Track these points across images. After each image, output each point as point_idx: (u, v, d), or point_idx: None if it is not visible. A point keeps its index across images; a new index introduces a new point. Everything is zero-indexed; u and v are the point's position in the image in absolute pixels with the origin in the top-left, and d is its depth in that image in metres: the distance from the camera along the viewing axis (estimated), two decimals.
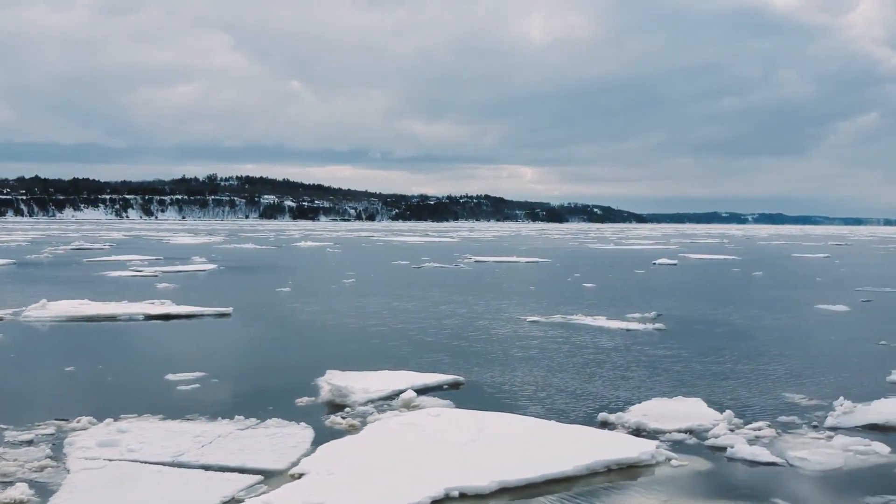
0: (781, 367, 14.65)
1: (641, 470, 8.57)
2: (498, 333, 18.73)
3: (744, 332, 19.37)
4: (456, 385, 12.84)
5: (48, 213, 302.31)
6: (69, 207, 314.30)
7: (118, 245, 71.38)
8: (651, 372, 14.10)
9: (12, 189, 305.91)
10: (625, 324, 20.36)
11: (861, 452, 9.19)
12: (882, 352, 16.52)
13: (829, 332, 19.50)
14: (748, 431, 9.97)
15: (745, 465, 8.86)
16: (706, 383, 13.16)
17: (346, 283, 32.83)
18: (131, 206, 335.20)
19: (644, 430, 10.06)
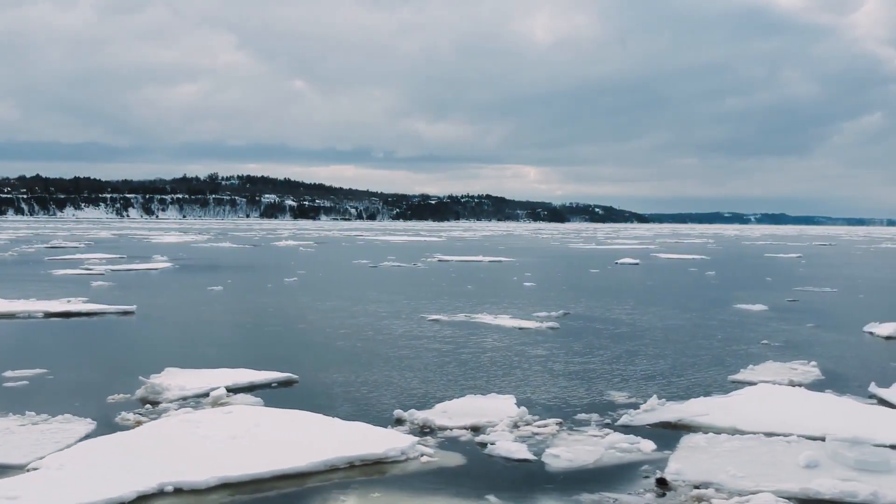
0: (640, 367, 14.68)
1: (387, 466, 8.63)
2: (381, 333, 18.78)
3: (636, 332, 19.38)
4: (288, 383, 12.91)
5: (49, 212, 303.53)
6: (70, 206, 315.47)
7: (96, 244, 71.66)
8: (492, 370, 14.16)
9: (13, 188, 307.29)
10: (523, 322, 20.41)
11: (622, 450, 9.23)
12: (754, 352, 16.52)
13: (720, 333, 19.49)
14: (529, 429, 10.03)
15: (494, 461, 8.93)
16: (543, 381, 13.21)
17: (287, 282, 32.92)
18: (132, 206, 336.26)
19: (428, 426, 10.12)
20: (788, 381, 13.24)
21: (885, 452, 8.87)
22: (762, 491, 7.79)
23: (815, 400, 11.67)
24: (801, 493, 7.87)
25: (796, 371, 14.26)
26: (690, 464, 8.70)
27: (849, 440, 9.10)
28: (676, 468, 8.48)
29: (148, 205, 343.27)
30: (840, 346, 17.63)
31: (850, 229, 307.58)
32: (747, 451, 9.20)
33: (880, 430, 9.99)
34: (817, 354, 16.22)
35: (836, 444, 9.06)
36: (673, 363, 15.17)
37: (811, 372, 14.22)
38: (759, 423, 10.31)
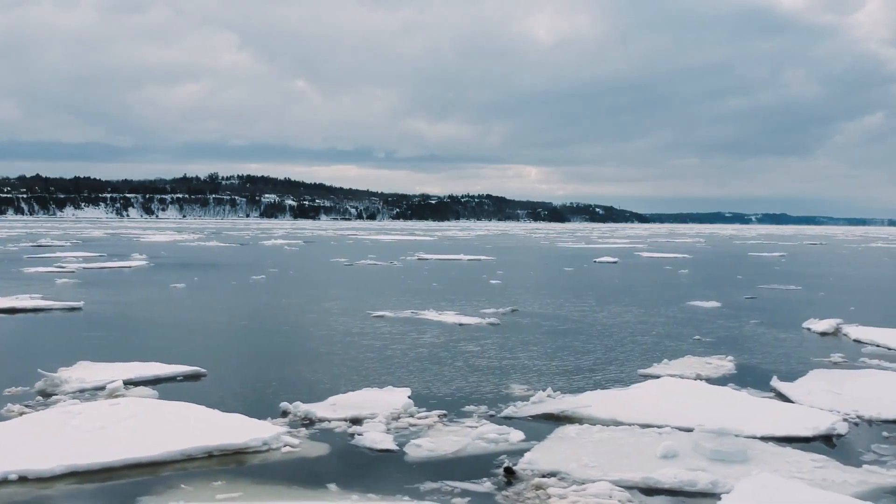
0: (559, 362, 14.76)
1: (247, 456, 8.73)
2: (318, 329, 18.92)
3: (576, 328, 19.46)
4: (195, 377, 13.01)
5: (49, 211, 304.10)
6: (70, 206, 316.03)
7: (84, 243, 71.84)
8: (408, 364, 14.25)
9: (13, 188, 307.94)
10: (465, 319, 20.51)
11: (488, 440, 9.32)
12: (680, 347, 16.59)
13: (658, 329, 19.55)
14: (407, 421, 10.13)
15: (356, 452, 9.02)
16: (454, 375, 13.29)
17: (253, 279, 33.03)
18: (132, 205, 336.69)
19: (309, 418, 10.22)
20: (695, 375, 13.30)
21: (744, 443, 8.95)
22: (603, 480, 7.86)
23: (709, 393, 11.74)
24: (641, 482, 7.95)
25: (710, 365, 14.33)
26: (548, 454, 8.78)
27: (715, 431, 9.15)
28: (531, 458, 8.55)
29: (148, 204, 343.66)
30: (771, 341, 17.68)
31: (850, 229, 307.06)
32: (612, 442, 9.28)
33: (754, 422, 10.06)
34: (742, 350, 16.32)
35: (701, 435, 9.13)
36: (595, 358, 15.24)
37: (724, 366, 14.29)
38: (639, 415, 10.38)
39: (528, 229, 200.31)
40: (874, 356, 15.62)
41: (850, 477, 8.15)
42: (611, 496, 7.48)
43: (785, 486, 7.11)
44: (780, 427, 9.95)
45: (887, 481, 8.12)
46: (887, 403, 11.17)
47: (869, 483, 8.01)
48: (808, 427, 9.95)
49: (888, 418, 10.61)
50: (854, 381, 12.75)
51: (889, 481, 8.13)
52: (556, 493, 7.53)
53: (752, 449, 9.00)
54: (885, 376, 13.33)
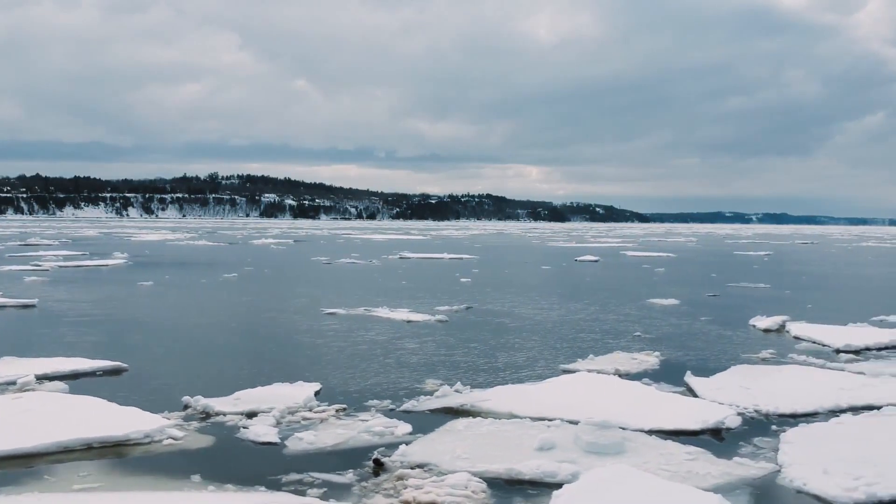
0: (489, 359, 14.83)
1: (127, 448, 8.84)
2: (263, 326, 19.06)
3: (522, 325, 19.53)
4: (115, 372, 13.11)
5: (48, 211, 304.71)
6: (70, 206, 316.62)
7: (73, 242, 72.02)
8: (334, 359, 14.36)
9: (13, 187, 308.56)
10: (416, 316, 20.62)
11: (373, 433, 9.43)
12: (616, 343, 16.66)
13: (604, 326, 19.62)
14: (301, 415, 10.25)
15: (238, 445, 9.13)
16: (375, 370, 13.39)
17: (223, 278, 33.13)
18: (132, 205, 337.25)
19: (206, 412, 10.32)
20: (614, 370, 13.38)
21: (623, 436, 9.03)
22: (464, 471, 7.94)
23: (615, 388, 11.81)
24: (504, 473, 8.04)
25: (634, 361, 14.40)
26: (426, 446, 8.87)
27: (598, 424, 9.23)
28: (407, 450, 8.63)
29: (148, 204, 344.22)
30: (710, 338, 17.75)
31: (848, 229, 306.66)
32: (496, 435, 9.36)
33: (647, 416, 10.16)
34: (677, 346, 16.40)
35: (583, 427, 9.21)
36: (526, 354, 15.32)
37: (648, 362, 14.37)
38: (536, 409, 10.47)
39: (525, 229, 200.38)
40: (804, 352, 15.70)
41: (714, 469, 8.23)
42: (466, 487, 7.56)
43: (629, 477, 7.19)
44: (670, 420, 10.03)
45: (750, 473, 8.19)
46: (789, 398, 11.24)
47: (731, 475, 8.09)
48: (699, 420, 10.03)
49: (784, 412, 10.68)
50: (769, 377, 12.83)
51: (752, 473, 8.20)
52: (414, 484, 7.62)
53: (632, 441, 9.08)
54: (803, 372, 13.42)
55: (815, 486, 7.64)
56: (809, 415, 10.63)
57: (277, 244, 71.42)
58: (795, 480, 7.88)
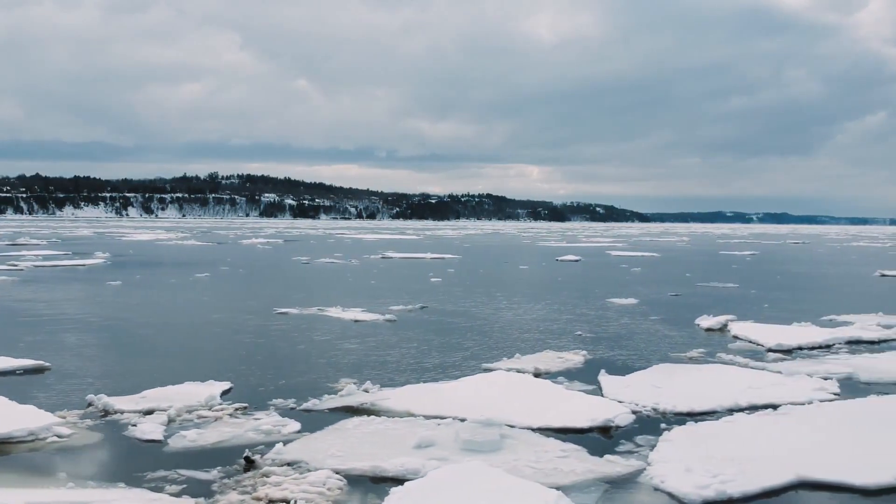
0: (412, 358, 14.91)
1: (8, 446, 8.94)
2: (208, 325, 19.19)
3: (466, 325, 19.61)
4: (37, 370, 13.19)
5: (48, 211, 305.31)
6: (69, 206, 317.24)
7: (62, 242, 72.22)
8: (256, 358, 14.45)
9: (13, 187, 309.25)
10: (366, 315, 20.73)
11: (260, 431, 9.52)
12: (552, 342, 16.73)
13: (550, 325, 19.69)
14: (198, 413, 10.35)
15: (123, 442, 9.23)
16: (296, 369, 13.51)
17: (193, 277, 33.27)
18: (131, 205, 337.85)
19: (107, 410, 10.42)
20: (533, 369, 13.46)
21: (502, 433, 9.11)
22: (326, 469, 8.04)
23: (524, 386, 11.88)
24: (369, 470, 8.13)
25: (560, 360, 14.49)
26: (305, 444, 8.97)
27: (481, 422, 9.32)
28: (283, 448, 8.73)
29: (147, 204, 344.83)
30: (649, 337, 17.81)
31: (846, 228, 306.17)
32: (381, 434, 9.46)
33: (539, 414, 10.25)
34: (611, 345, 16.51)
35: (464, 425, 9.31)
36: (459, 353, 15.38)
37: (573, 361, 14.45)
38: (434, 408, 10.57)
39: (521, 228, 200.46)
40: (734, 351, 15.79)
41: (580, 466, 8.32)
42: (324, 484, 7.66)
43: (476, 474, 7.28)
44: (562, 419, 10.11)
45: (614, 471, 8.28)
46: (692, 397, 11.32)
47: (594, 472, 8.18)
48: (590, 418, 10.12)
49: (680, 411, 10.76)
50: (684, 376, 12.90)
51: (616, 471, 8.29)
52: (273, 482, 7.72)
53: (513, 439, 9.17)
54: (719, 371, 13.49)
55: (671, 484, 7.72)
56: (705, 413, 10.70)
57: (265, 244, 71.57)
58: (654, 478, 7.96)
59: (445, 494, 6.82)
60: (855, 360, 14.76)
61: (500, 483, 7.12)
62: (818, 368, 13.67)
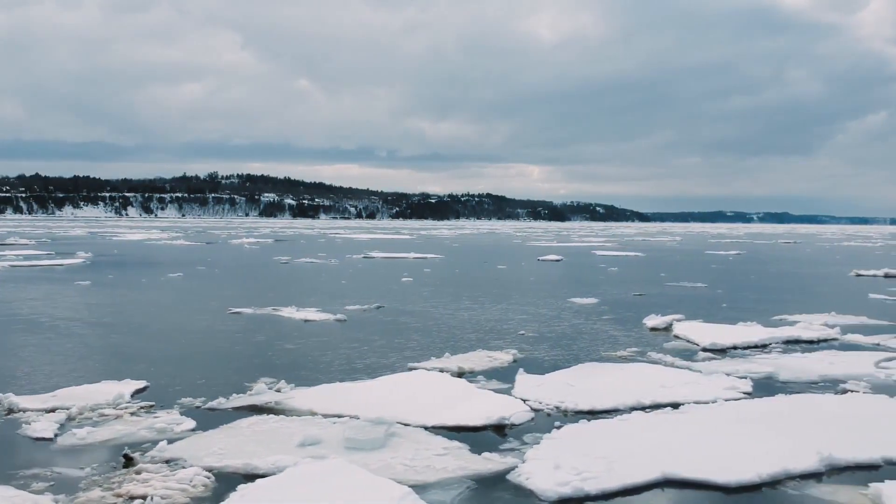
0: (342, 357, 14.98)
1: None
2: (154, 324, 19.33)
3: (413, 325, 19.72)
4: None
5: (48, 210, 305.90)
6: (69, 205, 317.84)
7: (52, 241, 72.43)
8: (185, 357, 14.58)
9: (12, 187, 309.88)
10: (318, 315, 20.85)
11: (154, 430, 9.63)
12: (492, 341, 16.81)
13: (500, 325, 19.76)
14: (103, 411, 10.47)
15: (12, 440, 9.34)
16: (221, 367, 13.62)
17: (165, 277, 33.42)
18: (131, 205, 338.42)
19: (12, 409, 10.55)
20: (456, 368, 13.56)
21: (388, 432, 9.21)
22: (212, 466, 8.16)
23: (436, 385, 11.99)
24: (241, 468, 8.24)
25: (488, 359, 14.59)
26: (191, 442, 9.09)
27: (372, 420, 9.44)
28: (166, 446, 8.86)
29: (147, 204, 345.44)
30: (591, 336, 17.89)
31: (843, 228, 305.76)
32: (272, 432, 9.56)
33: (440, 412, 10.35)
34: (548, 344, 16.61)
35: (353, 424, 9.43)
36: (392, 353, 15.45)
37: (501, 360, 14.54)
38: (338, 407, 10.67)
39: (518, 228, 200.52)
40: (666, 350, 15.87)
41: (455, 464, 8.42)
42: (191, 481, 7.77)
43: (334, 471, 7.39)
44: (459, 417, 10.22)
45: (486, 468, 8.39)
46: (600, 395, 11.41)
47: (465, 469, 8.29)
48: (485, 417, 10.22)
49: (581, 409, 10.86)
50: (604, 375, 12.99)
51: (489, 468, 8.40)
52: (141, 479, 7.83)
53: (399, 437, 9.28)
54: (639, 369, 13.58)
55: (533, 481, 7.82)
56: (606, 411, 10.79)
57: (254, 244, 71.70)
58: (521, 476, 8.07)
59: (290, 491, 6.92)
60: (783, 359, 14.86)
61: (352, 480, 7.23)
62: (740, 368, 13.76)
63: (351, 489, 7.00)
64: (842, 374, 13.29)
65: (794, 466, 8.29)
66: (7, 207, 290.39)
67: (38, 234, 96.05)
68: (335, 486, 7.02)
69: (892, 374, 13.38)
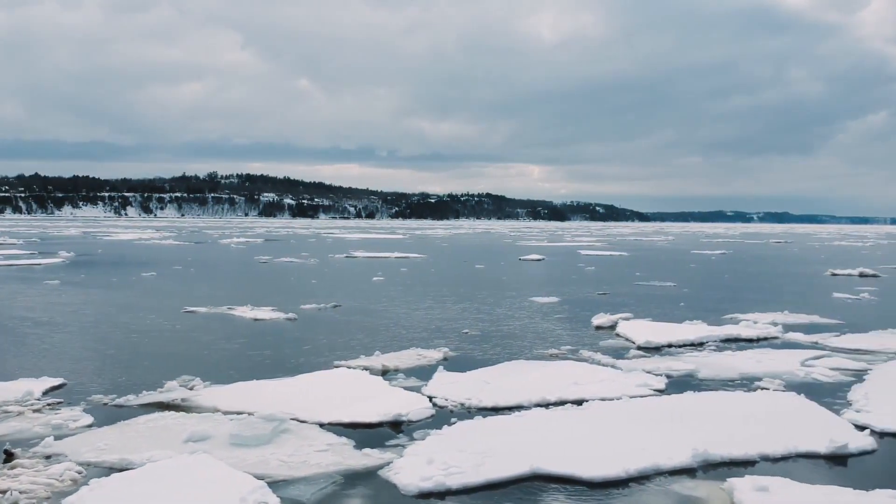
0: (275, 356, 15.10)
1: None
2: (104, 323, 19.45)
3: (368, 325, 19.80)
4: None
5: (47, 210, 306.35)
6: (68, 205, 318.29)
7: (41, 241, 72.70)
8: (109, 356, 14.67)
9: (11, 187, 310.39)
10: (270, 313, 21.00)
11: (51, 426, 9.77)
12: (431, 340, 16.90)
13: (454, 323, 19.84)
14: (5, 409, 10.58)
15: None
16: (143, 365, 13.72)
17: (140, 276, 33.57)
18: (130, 204, 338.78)
19: None
20: (381, 366, 13.66)
21: (271, 428, 9.29)
22: (91, 461, 8.26)
23: (349, 383, 12.10)
24: (117, 462, 8.34)
25: (419, 357, 14.70)
26: (79, 439, 9.20)
27: (265, 417, 9.53)
28: (51, 442, 8.96)
29: (146, 203, 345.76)
30: (535, 335, 17.95)
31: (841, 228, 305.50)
32: (163, 429, 9.65)
33: (339, 410, 10.43)
34: (487, 343, 16.72)
35: (244, 419, 9.53)
36: (329, 351, 15.53)
37: (430, 358, 14.65)
38: (240, 404, 10.76)
39: (514, 228, 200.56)
40: (601, 349, 15.95)
41: (330, 460, 8.52)
42: (60, 476, 7.87)
43: (195, 465, 7.49)
44: (356, 414, 10.32)
45: (362, 463, 8.50)
46: (508, 392, 11.50)
47: (341, 465, 8.39)
48: (383, 413, 10.31)
49: (485, 405, 10.95)
50: (522, 372, 13.06)
51: (364, 463, 8.50)
52: (13, 474, 7.93)
53: (289, 433, 9.39)
54: (563, 367, 13.62)
55: (399, 477, 7.92)
56: (508, 408, 10.87)
57: (241, 244, 71.82)
58: (393, 470, 8.17)
59: (140, 485, 7.02)
60: (711, 357, 14.94)
61: (208, 474, 7.33)
62: (662, 366, 13.85)
63: (203, 483, 7.10)
64: (762, 373, 13.36)
65: (666, 462, 8.37)
66: (6, 207, 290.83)
67: (31, 233, 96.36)
68: (187, 481, 7.12)
69: (811, 373, 13.46)
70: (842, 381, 12.99)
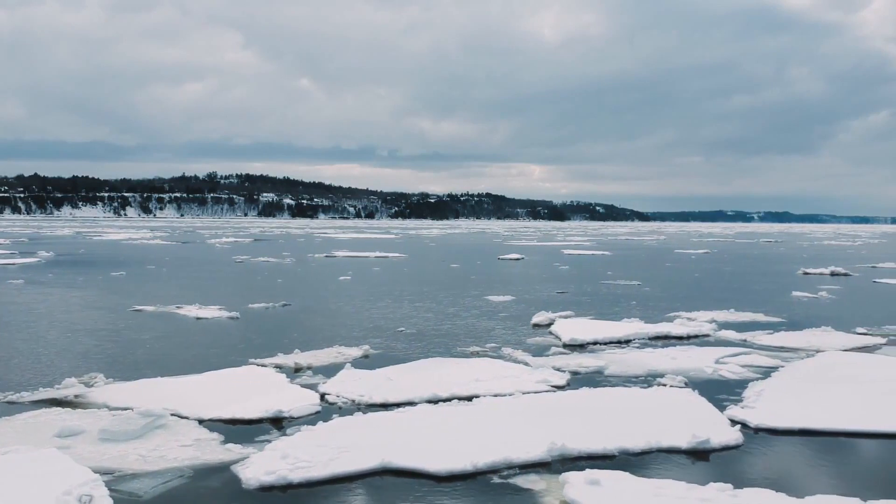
0: (192, 354, 15.22)
1: None
2: (43, 322, 19.55)
3: (305, 324, 19.97)
4: None
5: (46, 210, 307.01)
6: (68, 205, 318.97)
7: (29, 241, 73.01)
8: (31, 353, 14.79)
9: (11, 187, 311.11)
10: (215, 312, 21.14)
11: None
12: (367, 338, 16.99)
13: (394, 323, 19.94)
14: None
15: None
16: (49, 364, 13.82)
17: (109, 275, 33.75)
18: (129, 205, 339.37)
19: None
20: (293, 364, 13.77)
21: (143, 424, 9.39)
22: None
23: (247, 380, 12.22)
24: None
25: (338, 355, 14.81)
26: None
27: (143, 413, 9.63)
28: None
29: (146, 204, 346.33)
30: (470, 333, 18.03)
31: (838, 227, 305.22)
32: (40, 424, 9.75)
33: (235, 405, 10.54)
34: (415, 340, 16.86)
35: (119, 415, 9.63)
36: (245, 349, 15.62)
37: (348, 356, 14.73)
38: (132, 400, 10.86)
39: (511, 227, 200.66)
40: (526, 346, 16.04)
41: (188, 454, 8.62)
42: None
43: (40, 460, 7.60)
44: (238, 410, 10.42)
45: (219, 458, 8.57)
46: (404, 389, 11.58)
47: (196, 460, 8.47)
48: (264, 410, 10.41)
49: (390, 401, 11.00)
50: (431, 369, 13.13)
51: (220, 458, 8.58)
52: None
53: (162, 429, 9.51)
54: (475, 364, 13.69)
55: (247, 471, 8.01)
56: (398, 404, 10.94)
57: (227, 244, 71.95)
58: (245, 465, 8.25)
59: None
60: (628, 354, 15.05)
61: (49, 468, 7.44)
62: (573, 362, 13.94)
63: (34, 477, 7.21)
64: (671, 369, 13.44)
65: (520, 457, 8.46)
66: (5, 208, 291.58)
67: (24, 233, 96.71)
68: (19, 474, 7.22)
69: (720, 370, 13.54)
70: (746, 378, 13.05)
